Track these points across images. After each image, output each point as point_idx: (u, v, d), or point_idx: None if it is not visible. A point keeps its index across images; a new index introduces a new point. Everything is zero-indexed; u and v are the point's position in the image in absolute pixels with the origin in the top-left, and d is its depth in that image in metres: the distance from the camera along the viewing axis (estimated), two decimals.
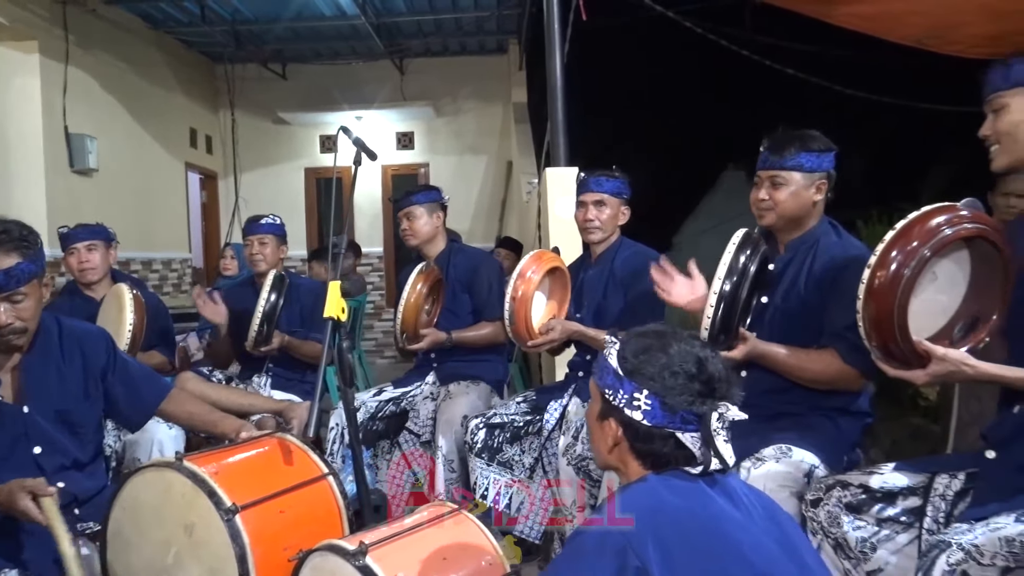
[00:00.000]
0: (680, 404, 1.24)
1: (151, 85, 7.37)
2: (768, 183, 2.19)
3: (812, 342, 2.13)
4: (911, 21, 4.35)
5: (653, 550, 1.15)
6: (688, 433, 1.25)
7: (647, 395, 1.25)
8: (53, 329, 2.13)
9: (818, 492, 1.86)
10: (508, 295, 2.75)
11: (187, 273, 7.89)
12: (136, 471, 1.93)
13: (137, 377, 2.26)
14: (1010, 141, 1.65)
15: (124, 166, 6.75)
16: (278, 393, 3.43)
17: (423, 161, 8.93)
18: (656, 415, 1.25)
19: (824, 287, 2.12)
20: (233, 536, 1.75)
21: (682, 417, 1.24)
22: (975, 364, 1.59)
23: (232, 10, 6.98)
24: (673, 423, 1.25)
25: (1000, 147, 1.68)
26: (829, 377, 2.08)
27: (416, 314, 3.06)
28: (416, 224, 3.30)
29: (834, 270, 2.12)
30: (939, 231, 1.58)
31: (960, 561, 1.44)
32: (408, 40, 8.16)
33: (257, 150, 8.87)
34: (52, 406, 2.07)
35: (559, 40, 4.47)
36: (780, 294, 2.21)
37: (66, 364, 2.12)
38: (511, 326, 2.78)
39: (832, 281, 2.10)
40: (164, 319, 3.60)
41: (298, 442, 2.14)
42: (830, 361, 2.06)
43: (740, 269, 2.03)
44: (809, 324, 2.14)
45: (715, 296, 2.02)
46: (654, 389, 1.25)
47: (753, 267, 2.05)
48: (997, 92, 1.66)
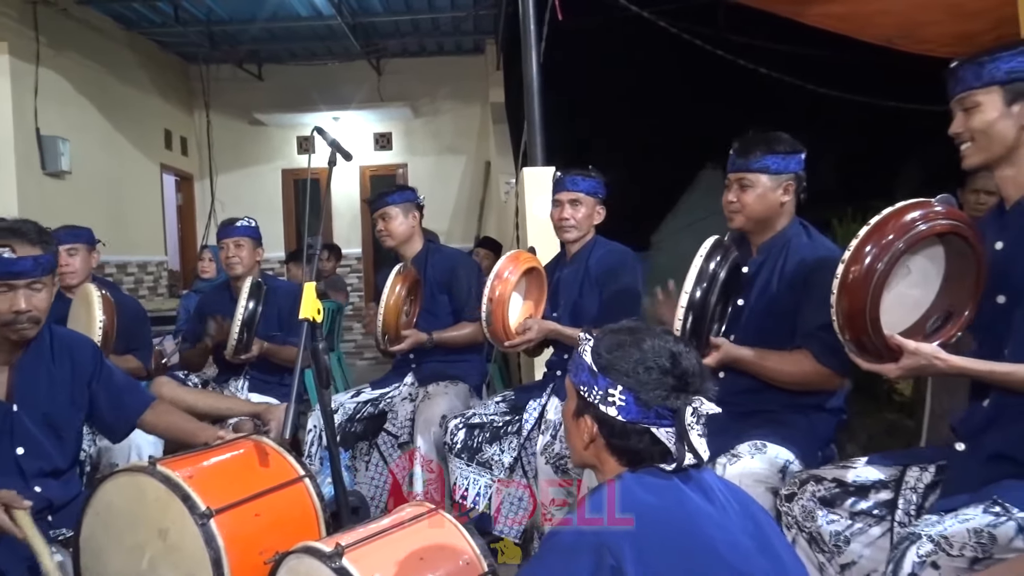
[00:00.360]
0: (654, 399, 1.24)
1: (125, 86, 7.29)
2: (736, 185, 2.23)
3: (788, 343, 2.15)
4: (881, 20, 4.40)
5: (628, 549, 1.15)
6: (663, 428, 1.25)
7: (621, 391, 1.25)
8: (45, 333, 2.17)
9: (792, 487, 1.88)
10: (485, 296, 2.76)
11: (163, 276, 7.81)
12: (109, 476, 1.92)
13: (121, 387, 2.29)
14: (984, 139, 1.66)
15: (98, 168, 6.67)
16: (256, 396, 3.41)
17: (401, 162, 8.91)
18: (631, 411, 1.25)
19: (796, 287, 2.14)
20: (208, 540, 1.74)
21: (656, 412, 1.24)
22: (947, 358, 1.62)
23: (206, 10, 6.92)
24: (648, 418, 1.25)
25: (974, 145, 1.68)
26: (804, 378, 2.10)
27: (397, 316, 3.06)
28: (391, 225, 3.29)
29: (805, 270, 2.14)
30: (913, 226, 1.60)
31: (930, 553, 1.46)
32: (385, 40, 8.13)
33: (233, 151, 8.79)
34: (40, 408, 2.10)
35: (535, 40, 4.48)
36: (754, 296, 2.23)
37: (56, 368, 2.16)
38: (488, 327, 2.79)
39: (804, 281, 2.13)
40: (142, 323, 3.56)
41: (274, 445, 2.14)
42: (804, 362, 2.08)
43: (709, 276, 2.05)
44: (783, 325, 2.16)
45: (684, 305, 2.03)
46: (628, 384, 1.25)
47: (723, 273, 2.06)
48: (970, 90, 1.66)
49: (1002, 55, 1.62)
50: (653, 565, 1.15)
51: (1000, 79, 1.62)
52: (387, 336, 3.07)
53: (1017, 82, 1.61)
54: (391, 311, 3.03)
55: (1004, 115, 1.63)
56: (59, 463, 2.14)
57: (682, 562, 1.16)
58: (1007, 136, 1.64)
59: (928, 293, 1.73)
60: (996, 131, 1.64)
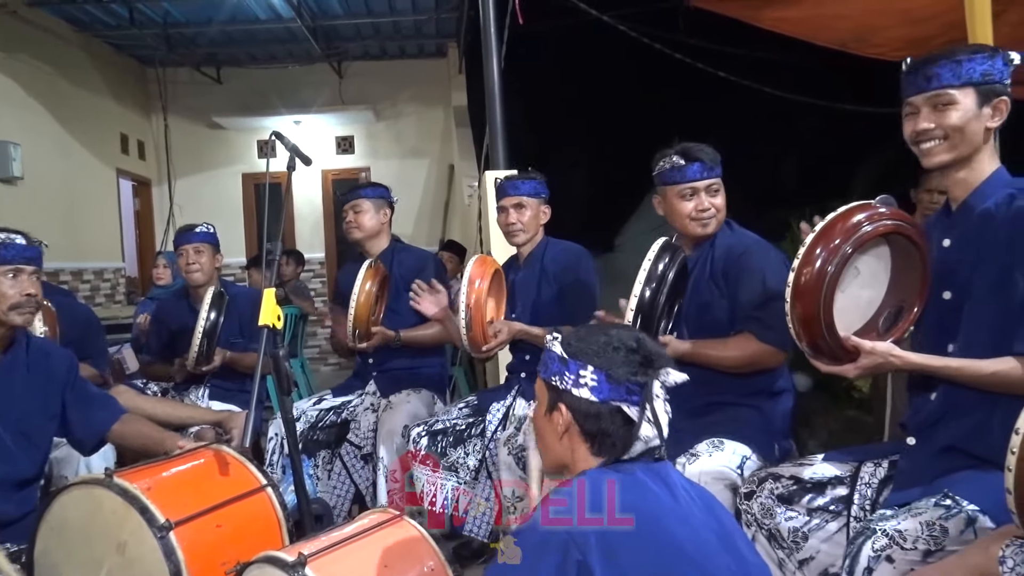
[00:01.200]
0: (623, 375, 1.29)
1: (79, 90, 7.13)
2: (704, 193, 2.35)
3: (725, 331, 2.26)
4: (836, 25, 4.49)
5: (595, 543, 1.17)
6: (634, 407, 1.29)
7: (592, 370, 1.30)
8: (23, 341, 2.21)
9: (751, 485, 1.91)
10: (463, 304, 2.75)
11: (120, 283, 7.65)
12: (63, 489, 1.87)
13: (93, 399, 2.31)
14: (959, 136, 1.68)
15: (51, 173, 6.51)
16: (217, 404, 3.36)
17: (364, 165, 8.85)
18: (603, 389, 1.29)
19: (729, 278, 2.27)
20: (167, 553, 1.71)
21: (627, 388, 1.29)
22: (901, 355, 1.65)
23: (163, 13, 6.81)
24: (619, 394, 1.29)
25: (947, 142, 1.69)
26: (749, 358, 2.20)
27: (368, 311, 3.03)
28: (362, 217, 3.26)
29: (732, 260, 2.28)
30: (859, 228, 1.64)
31: (884, 547, 1.49)
32: (346, 43, 8.07)
33: (192, 156, 8.65)
34: (13, 415, 2.12)
35: (496, 44, 4.49)
36: (690, 292, 2.33)
37: (32, 376, 2.18)
38: (468, 332, 2.78)
39: (735, 271, 2.26)
40: (96, 332, 3.49)
41: (235, 454, 2.10)
42: (747, 343, 2.20)
43: (658, 277, 2.11)
44: (719, 316, 2.29)
45: (633, 305, 2.09)
46: (598, 364, 1.30)
47: (672, 273, 2.13)
48: (946, 87, 1.67)
49: (977, 56, 1.65)
50: (619, 560, 1.16)
51: (976, 80, 1.65)
52: (357, 331, 3.04)
53: (990, 84, 1.65)
54: (363, 307, 3.00)
55: (975, 116, 1.66)
56: (27, 472, 2.15)
57: (648, 558, 1.18)
58: (977, 136, 1.67)
59: (878, 292, 1.78)
60: (970, 131, 1.67)
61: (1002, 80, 1.66)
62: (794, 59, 5.99)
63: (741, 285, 2.24)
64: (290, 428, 2.17)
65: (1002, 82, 1.66)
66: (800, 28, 4.65)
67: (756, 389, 2.28)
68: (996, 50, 1.67)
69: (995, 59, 1.65)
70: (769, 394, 2.29)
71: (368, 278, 3.01)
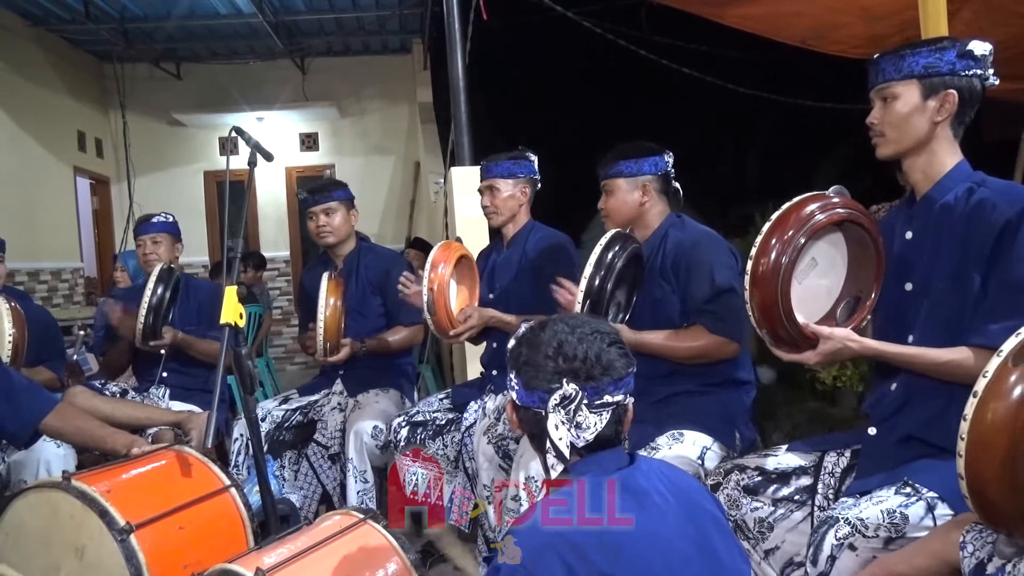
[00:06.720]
0: (538, 383, 1.28)
1: (33, 86, 6.96)
2: (603, 194, 2.47)
3: (677, 327, 2.29)
4: (796, 22, 4.55)
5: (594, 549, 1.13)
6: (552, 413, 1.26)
7: (515, 376, 1.33)
8: None
9: (717, 477, 1.93)
10: (425, 287, 2.74)
11: (79, 284, 7.48)
12: (18, 494, 1.82)
13: (18, 388, 2.17)
14: (896, 132, 1.71)
15: (5, 172, 6.35)
16: (177, 404, 3.30)
17: (328, 162, 8.76)
18: (520, 395, 1.32)
19: (679, 272, 2.30)
20: (128, 557, 1.67)
21: (539, 397, 1.28)
22: (859, 340, 1.68)
23: (119, 7, 6.67)
24: (533, 402, 1.29)
25: (886, 136, 1.73)
26: (703, 349, 2.24)
27: (337, 327, 3.00)
28: (336, 221, 3.23)
29: (682, 253, 2.31)
30: (812, 217, 1.67)
31: (847, 535, 1.52)
32: (309, 39, 7.98)
33: (152, 153, 8.48)
34: None
35: (460, 40, 4.47)
36: (645, 287, 2.37)
37: None
38: (432, 317, 2.78)
39: (685, 265, 2.29)
40: (53, 334, 3.41)
41: (197, 454, 2.07)
42: (700, 335, 2.24)
43: (607, 265, 2.17)
44: (671, 312, 2.32)
45: (583, 291, 2.14)
46: (518, 371, 1.32)
47: (620, 262, 2.18)
48: (889, 81, 1.70)
49: (921, 50, 1.67)
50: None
51: (918, 72, 1.67)
52: (328, 345, 3.01)
53: (933, 77, 1.66)
54: (331, 322, 2.97)
55: (919, 109, 1.68)
56: None
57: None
58: (919, 129, 1.69)
59: (836, 281, 1.81)
60: (910, 124, 1.69)
61: (954, 72, 1.65)
62: (756, 56, 6.07)
63: (691, 279, 2.28)
64: (254, 428, 2.14)
65: (955, 74, 1.65)
66: (761, 25, 4.70)
67: (717, 379, 2.30)
68: (954, 42, 1.67)
69: (945, 52, 1.66)
70: (730, 383, 2.33)
71: (331, 294, 2.97)
